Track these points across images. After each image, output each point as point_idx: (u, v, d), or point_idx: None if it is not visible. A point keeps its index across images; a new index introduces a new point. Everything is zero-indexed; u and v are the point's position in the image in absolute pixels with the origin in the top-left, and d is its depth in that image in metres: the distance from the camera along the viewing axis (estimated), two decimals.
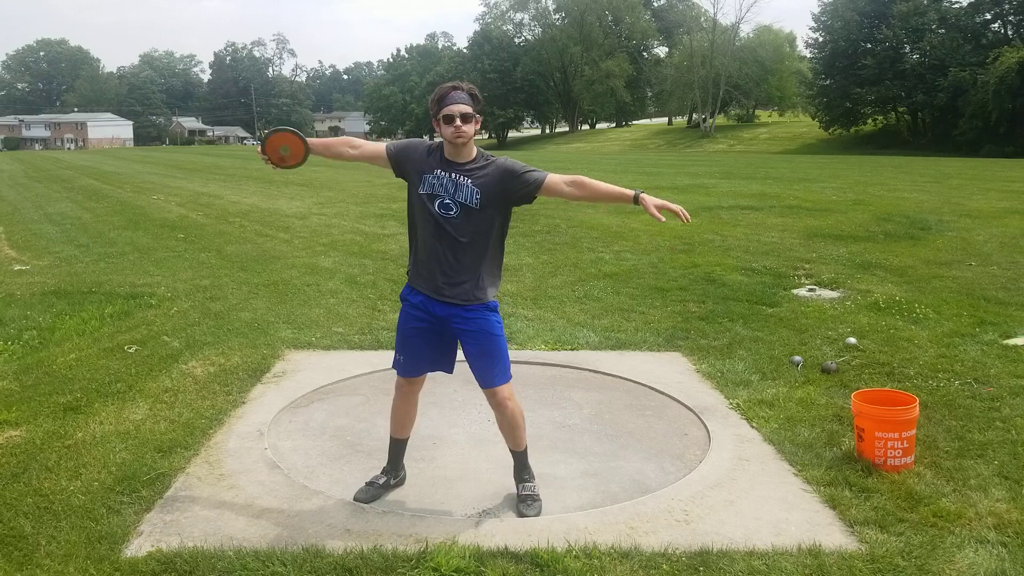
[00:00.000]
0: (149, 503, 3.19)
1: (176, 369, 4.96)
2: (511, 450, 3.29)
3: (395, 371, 3.31)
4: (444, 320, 3.10)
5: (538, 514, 3.13)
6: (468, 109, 2.95)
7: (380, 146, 3.18)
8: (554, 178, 3.00)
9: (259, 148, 3.15)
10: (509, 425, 3.21)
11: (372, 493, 3.30)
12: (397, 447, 3.43)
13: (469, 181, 2.98)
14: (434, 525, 3.02)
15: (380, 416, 3.51)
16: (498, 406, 3.17)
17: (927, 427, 3.90)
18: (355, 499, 3.26)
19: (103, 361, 5.11)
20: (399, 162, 3.12)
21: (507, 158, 3.08)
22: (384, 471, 3.41)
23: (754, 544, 2.88)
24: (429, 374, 3.35)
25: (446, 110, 2.94)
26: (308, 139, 3.16)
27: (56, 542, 2.88)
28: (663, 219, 2.94)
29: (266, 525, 3.02)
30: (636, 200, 2.96)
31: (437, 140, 3.13)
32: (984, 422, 4.03)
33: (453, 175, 3.00)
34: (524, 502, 3.19)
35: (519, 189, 3.00)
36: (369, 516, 3.11)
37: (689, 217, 3.00)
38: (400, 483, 3.43)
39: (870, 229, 11.10)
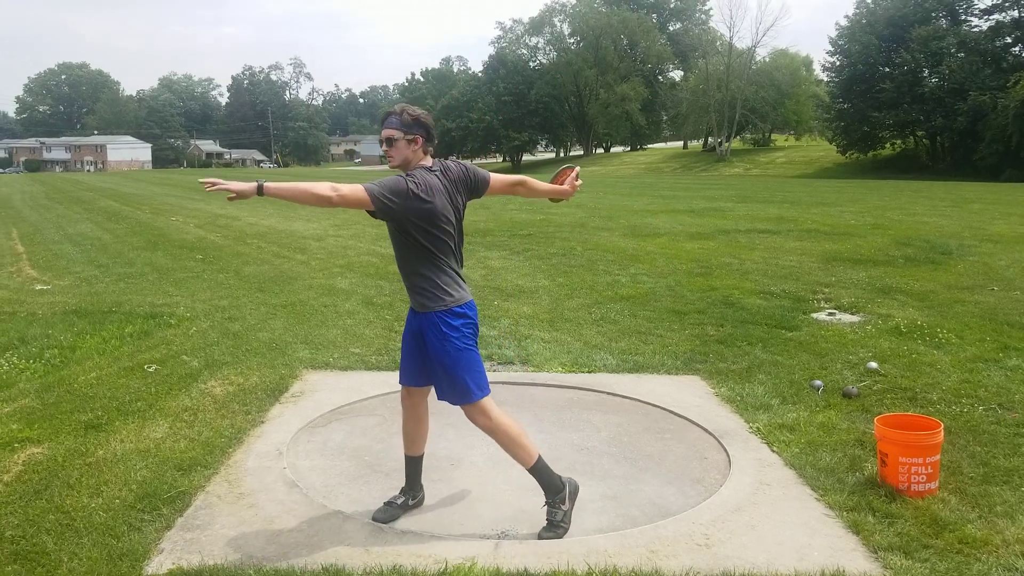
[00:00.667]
0: (169, 521, 3.20)
1: (195, 388, 4.99)
2: None
3: None
4: (419, 329, 3.18)
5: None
6: (393, 133, 3.03)
7: None
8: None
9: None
10: (496, 443, 3.24)
11: (391, 513, 3.30)
12: (412, 465, 3.44)
13: None
14: (453, 546, 3.02)
15: (397, 437, 3.53)
16: (473, 423, 3.23)
17: (951, 453, 3.85)
18: (374, 519, 3.27)
19: (123, 380, 5.16)
20: None
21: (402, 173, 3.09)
22: (402, 491, 3.42)
23: (776, 569, 2.84)
24: None
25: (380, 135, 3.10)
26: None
27: (78, 559, 2.89)
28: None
29: (286, 544, 3.03)
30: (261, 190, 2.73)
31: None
32: (1009, 448, 3.97)
33: None
34: (545, 527, 3.17)
35: None
36: (388, 536, 3.11)
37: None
38: (418, 504, 3.43)
39: (890, 253, 11.03)
